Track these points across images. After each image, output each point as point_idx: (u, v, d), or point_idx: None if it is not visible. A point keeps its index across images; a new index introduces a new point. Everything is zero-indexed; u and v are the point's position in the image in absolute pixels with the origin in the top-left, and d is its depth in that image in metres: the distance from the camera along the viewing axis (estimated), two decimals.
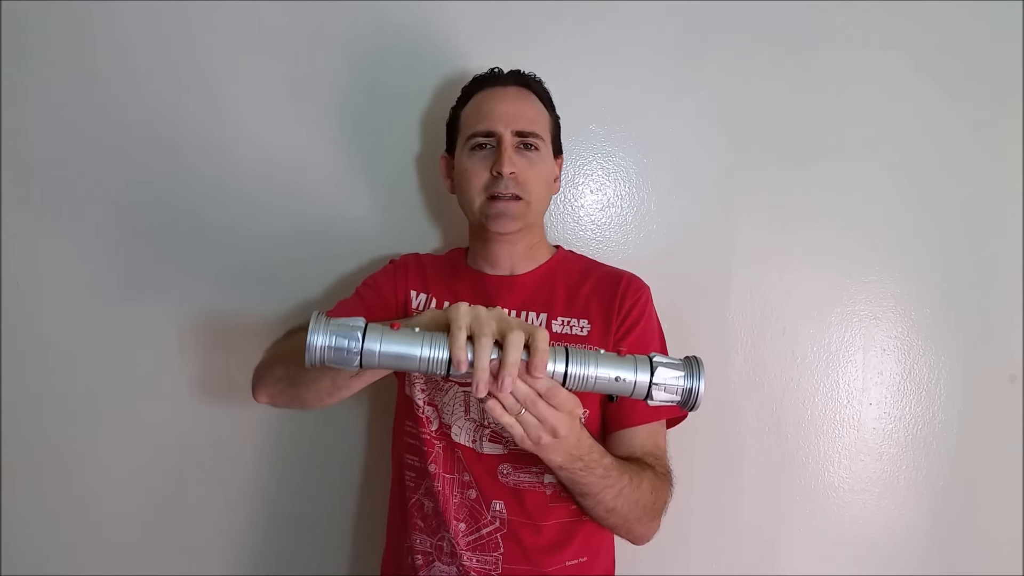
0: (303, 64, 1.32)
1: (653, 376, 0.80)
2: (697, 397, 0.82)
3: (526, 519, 1.04)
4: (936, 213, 1.43)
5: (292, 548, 1.39)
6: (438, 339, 0.78)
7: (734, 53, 1.38)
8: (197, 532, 1.37)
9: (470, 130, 1.11)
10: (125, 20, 1.29)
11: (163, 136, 1.31)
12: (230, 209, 1.33)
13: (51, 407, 1.33)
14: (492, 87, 1.13)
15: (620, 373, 0.81)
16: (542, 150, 1.11)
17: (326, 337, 0.77)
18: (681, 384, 0.81)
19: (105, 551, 1.36)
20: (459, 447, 1.04)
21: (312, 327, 0.77)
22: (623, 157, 1.39)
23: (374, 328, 0.78)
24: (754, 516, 1.44)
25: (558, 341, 1.07)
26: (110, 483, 1.34)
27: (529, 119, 1.10)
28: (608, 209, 1.39)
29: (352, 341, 0.77)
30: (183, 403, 1.35)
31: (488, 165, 1.08)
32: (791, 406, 1.44)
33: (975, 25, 1.42)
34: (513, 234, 1.09)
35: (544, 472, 1.03)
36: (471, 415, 1.04)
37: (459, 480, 1.04)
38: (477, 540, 1.03)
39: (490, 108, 1.10)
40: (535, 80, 1.16)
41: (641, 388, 0.81)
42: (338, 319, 0.79)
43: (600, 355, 0.82)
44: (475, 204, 1.09)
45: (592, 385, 0.81)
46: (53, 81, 1.29)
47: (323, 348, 0.77)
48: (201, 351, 1.34)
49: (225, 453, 1.36)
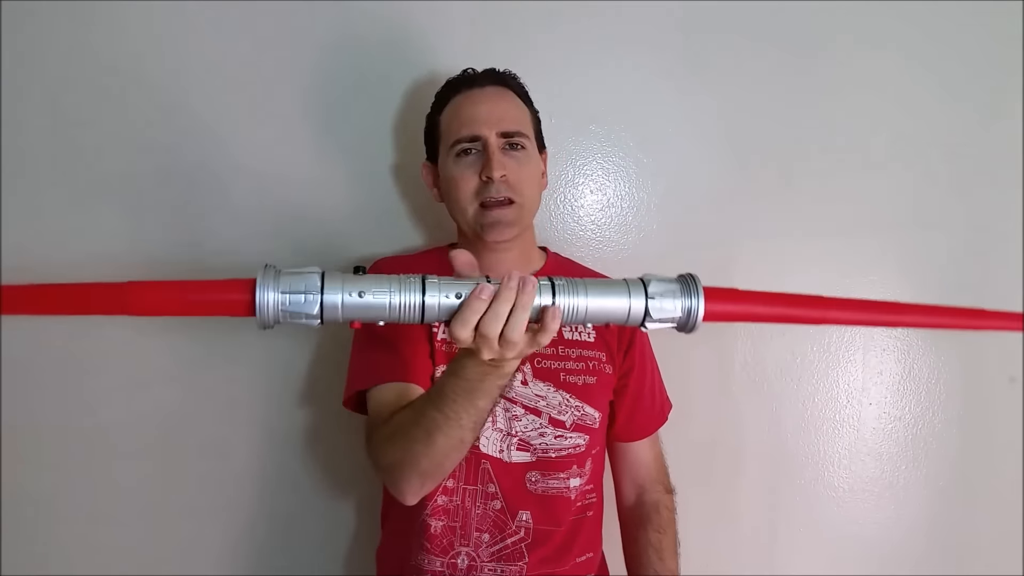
0: (281, 63, 1.31)
1: (649, 299, 0.75)
2: (697, 317, 0.76)
3: (550, 525, 1.04)
4: (936, 213, 1.43)
5: (291, 548, 1.39)
6: (407, 282, 0.71)
7: (735, 54, 1.38)
8: (196, 532, 1.37)
9: (453, 136, 1.06)
10: (99, 15, 1.27)
11: (133, 135, 1.29)
12: (218, 209, 1.32)
13: (51, 407, 1.33)
14: (469, 89, 1.09)
15: (613, 299, 0.75)
16: (528, 148, 1.07)
17: (277, 293, 0.69)
18: (678, 304, 0.75)
19: (105, 551, 1.35)
20: (486, 458, 1.03)
21: (260, 282, 0.69)
22: (623, 157, 1.39)
23: (333, 276, 0.71)
24: (754, 516, 1.45)
25: (569, 347, 1.08)
26: (110, 483, 1.34)
27: (513, 118, 1.07)
28: (608, 209, 1.39)
29: (310, 295, 0.69)
30: (182, 403, 1.34)
31: (476, 170, 1.04)
32: (791, 406, 1.44)
33: (975, 27, 1.42)
34: (509, 241, 1.07)
35: (570, 477, 1.05)
36: (498, 425, 1.04)
37: (482, 491, 1.03)
38: (501, 551, 1.03)
39: (471, 111, 1.06)
40: (511, 77, 1.12)
41: (637, 313, 0.75)
42: (290, 269, 0.71)
43: (589, 283, 0.75)
44: (468, 213, 1.06)
45: (584, 316, 0.75)
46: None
47: (275, 307, 0.69)
48: (187, 349, 1.33)
49: (225, 453, 1.36)
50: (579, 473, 1.06)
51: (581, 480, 1.06)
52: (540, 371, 1.06)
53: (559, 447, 1.04)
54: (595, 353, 1.09)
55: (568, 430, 1.05)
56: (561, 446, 1.04)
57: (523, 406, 1.04)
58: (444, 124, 1.10)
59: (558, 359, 1.07)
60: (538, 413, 1.04)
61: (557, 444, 1.04)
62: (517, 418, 1.04)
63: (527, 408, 1.04)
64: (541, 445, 1.04)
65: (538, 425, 1.04)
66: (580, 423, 1.06)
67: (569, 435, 1.05)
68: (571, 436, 1.05)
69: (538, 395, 1.05)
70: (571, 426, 1.05)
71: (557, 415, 1.05)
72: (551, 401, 1.05)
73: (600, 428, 1.08)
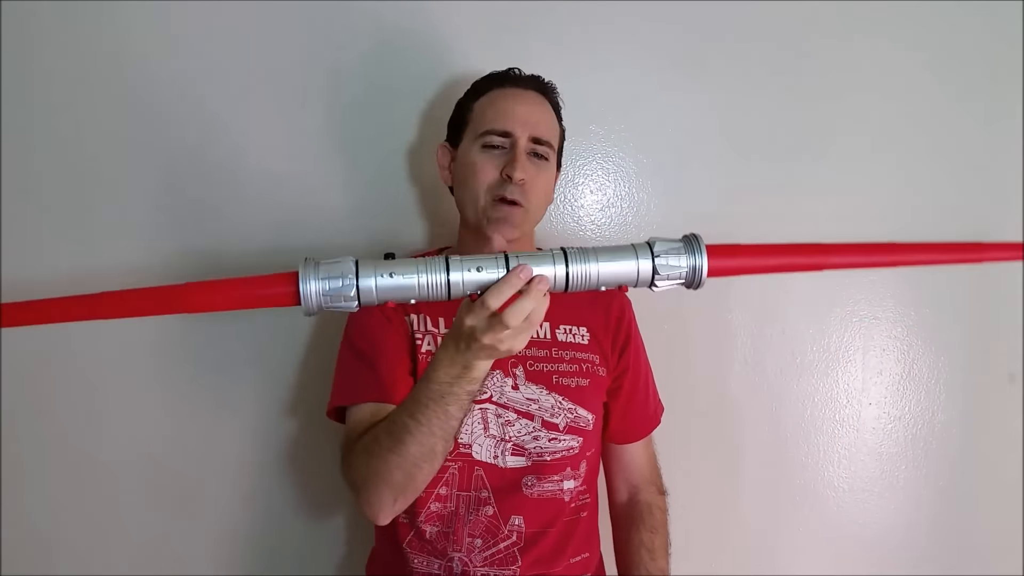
0: (291, 64, 1.31)
1: (655, 260, 0.81)
2: (702, 275, 0.81)
3: (543, 528, 1.04)
4: (936, 213, 1.43)
5: (290, 548, 1.39)
6: (432, 263, 0.78)
7: (734, 53, 1.38)
8: (196, 532, 1.37)
9: (485, 126, 1.06)
10: (106, 15, 1.27)
11: (145, 133, 1.29)
12: (225, 208, 1.32)
13: (51, 407, 1.33)
14: (512, 87, 1.10)
15: (622, 264, 0.81)
16: (550, 160, 1.09)
17: (318, 282, 0.77)
18: (683, 264, 0.81)
19: (105, 551, 1.36)
20: (480, 464, 1.03)
21: (302, 274, 0.77)
22: (623, 157, 1.39)
23: (366, 263, 0.78)
24: (754, 516, 1.44)
25: (564, 350, 1.09)
26: (110, 483, 1.34)
27: (547, 127, 1.08)
28: (608, 209, 1.39)
29: (347, 280, 0.77)
30: (181, 403, 1.35)
31: (499, 165, 1.04)
32: (791, 406, 1.44)
33: (975, 26, 1.42)
34: (509, 242, 1.06)
35: (564, 479, 1.05)
36: (491, 432, 1.04)
37: (475, 498, 1.03)
38: (494, 555, 1.03)
39: (509, 108, 1.07)
40: (552, 90, 1.14)
41: (645, 275, 0.81)
42: (327, 260, 0.78)
43: (598, 249, 0.81)
44: (479, 202, 1.05)
45: (596, 281, 0.80)
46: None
47: (318, 294, 0.77)
48: (191, 348, 1.34)
49: (224, 453, 1.36)
50: (573, 475, 1.06)
51: (575, 482, 1.06)
52: (532, 374, 1.06)
53: (553, 450, 1.04)
54: (588, 356, 1.09)
55: (562, 432, 1.05)
56: (555, 449, 1.05)
57: (515, 411, 1.04)
58: (477, 111, 1.10)
59: (551, 361, 1.07)
60: (531, 417, 1.04)
61: (551, 447, 1.04)
62: (510, 423, 1.04)
63: (519, 413, 1.04)
64: (535, 449, 1.04)
65: (531, 429, 1.04)
66: (573, 425, 1.06)
67: (563, 438, 1.05)
68: (564, 439, 1.05)
69: (530, 399, 1.05)
70: (564, 428, 1.05)
71: (550, 418, 1.05)
72: (543, 404, 1.05)
73: (594, 430, 1.08)
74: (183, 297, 0.82)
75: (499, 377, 1.05)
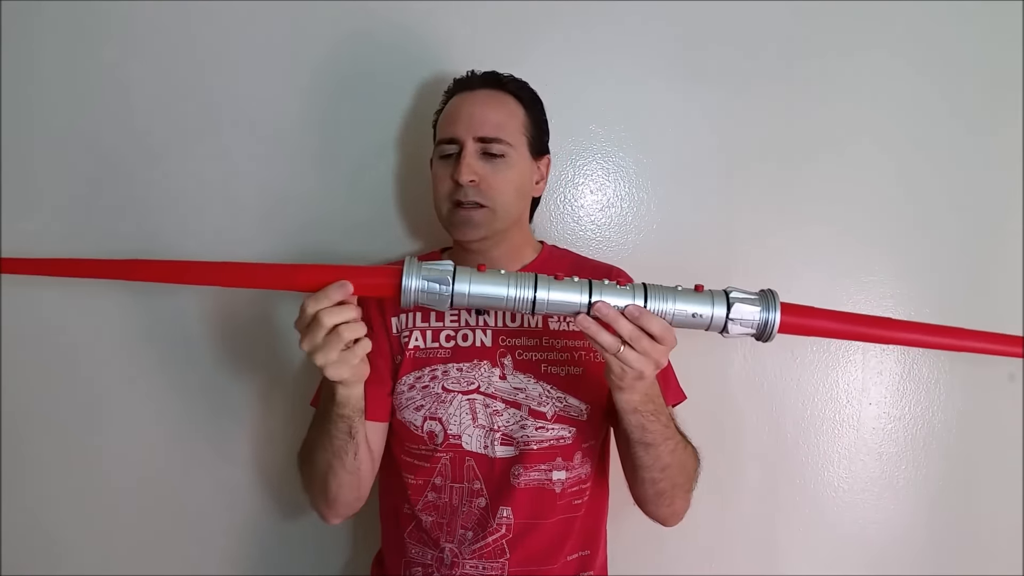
0: (282, 63, 1.31)
1: (730, 311, 0.85)
2: (773, 329, 0.86)
3: (532, 520, 1.04)
4: (936, 213, 1.43)
5: (290, 548, 1.39)
6: (523, 279, 0.86)
7: (734, 54, 1.38)
8: (196, 533, 1.37)
9: (438, 137, 1.10)
10: (100, 16, 1.28)
11: (133, 132, 1.30)
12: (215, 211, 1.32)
13: (50, 406, 1.33)
14: (462, 91, 1.10)
15: (698, 308, 0.86)
16: (510, 156, 1.06)
17: (419, 280, 0.85)
18: (757, 318, 0.86)
19: (105, 551, 1.36)
20: (470, 455, 1.04)
21: (406, 271, 0.85)
22: (623, 157, 1.39)
23: (463, 271, 0.86)
24: (754, 516, 1.45)
25: (557, 338, 1.08)
26: (110, 482, 1.34)
27: (494, 124, 1.05)
28: (608, 209, 1.39)
29: (443, 284, 0.85)
30: (180, 403, 1.35)
31: (451, 172, 1.05)
32: (791, 406, 1.44)
33: (974, 27, 1.41)
34: (481, 241, 1.06)
35: (553, 469, 1.04)
36: (479, 422, 1.04)
37: (468, 489, 1.04)
38: (483, 548, 1.03)
39: (455, 113, 1.08)
40: (510, 80, 1.11)
41: (718, 322, 0.86)
42: (428, 263, 0.86)
43: (678, 291, 0.87)
44: (442, 211, 1.08)
45: (670, 321, 0.86)
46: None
47: (417, 291, 0.85)
48: (193, 348, 1.34)
49: (224, 454, 1.36)
50: (564, 466, 1.05)
51: (567, 473, 1.05)
52: (520, 363, 1.06)
53: (540, 439, 1.04)
54: (583, 343, 1.08)
55: (549, 421, 1.04)
56: (543, 438, 1.04)
57: (503, 400, 1.05)
58: (438, 123, 1.13)
59: (540, 350, 1.07)
60: (518, 406, 1.05)
61: (538, 436, 1.04)
62: (498, 413, 1.04)
63: (507, 402, 1.05)
64: (523, 437, 1.04)
65: (519, 418, 1.04)
66: (563, 414, 1.05)
67: (551, 426, 1.04)
68: (553, 427, 1.04)
69: (517, 388, 1.05)
70: (552, 417, 1.05)
71: (537, 406, 1.05)
72: (531, 393, 1.05)
73: (590, 420, 1.06)
74: (299, 275, 0.91)
75: (487, 367, 1.06)
